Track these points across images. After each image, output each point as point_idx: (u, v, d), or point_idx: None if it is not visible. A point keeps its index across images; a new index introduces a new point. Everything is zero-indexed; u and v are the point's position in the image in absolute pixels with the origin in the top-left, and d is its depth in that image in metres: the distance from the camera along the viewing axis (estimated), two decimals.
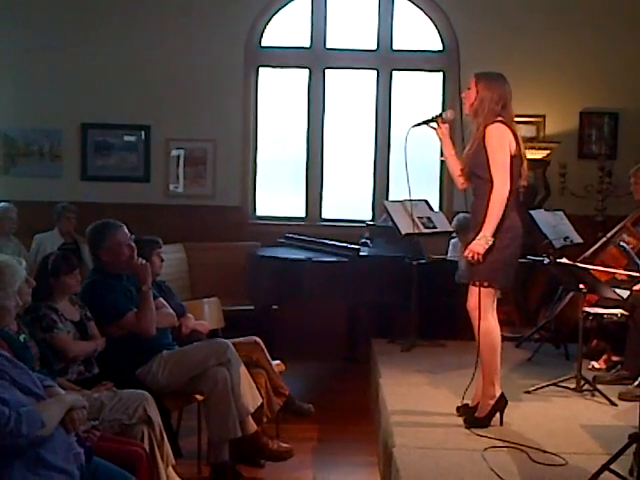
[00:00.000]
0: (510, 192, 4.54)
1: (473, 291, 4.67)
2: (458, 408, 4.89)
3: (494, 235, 4.51)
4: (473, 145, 4.63)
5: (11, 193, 8.35)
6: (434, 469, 4.10)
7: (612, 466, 3.69)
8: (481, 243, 4.50)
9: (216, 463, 4.74)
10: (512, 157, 4.57)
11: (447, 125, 4.85)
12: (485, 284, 4.61)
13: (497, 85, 4.63)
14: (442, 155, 4.93)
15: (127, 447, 3.75)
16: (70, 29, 8.61)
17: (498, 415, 4.74)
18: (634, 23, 8.55)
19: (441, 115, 4.83)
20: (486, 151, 4.55)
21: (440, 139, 4.85)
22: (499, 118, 4.56)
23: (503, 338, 4.82)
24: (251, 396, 4.92)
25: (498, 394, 4.73)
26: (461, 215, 7.61)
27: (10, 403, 2.97)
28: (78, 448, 3.24)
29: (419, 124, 4.93)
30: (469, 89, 4.67)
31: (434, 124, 4.85)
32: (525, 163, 4.69)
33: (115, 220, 5.01)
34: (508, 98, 4.63)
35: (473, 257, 4.52)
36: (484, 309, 4.62)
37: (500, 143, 4.54)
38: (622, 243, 5.90)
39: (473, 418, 4.72)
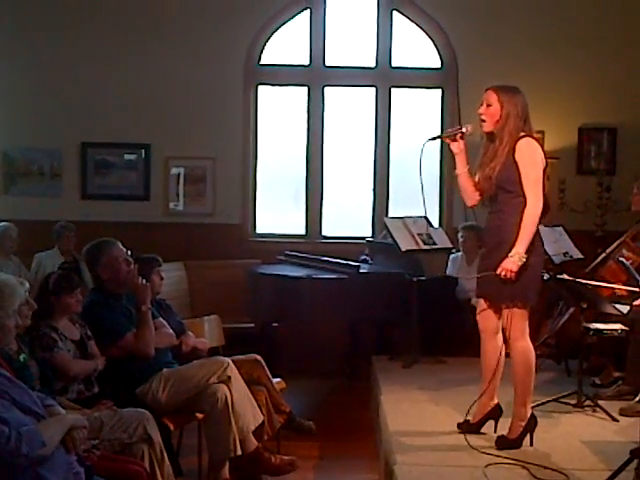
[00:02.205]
0: (544, 206, 4.52)
1: (506, 312, 4.58)
2: (459, 425, 4.87)
3: (528, 252, 4.44)
4: (498, 163, 4.51)
5: (11, 212, 8.36)
6: None
7: None
8: (514, 260, 4.41)
9: None
10: (543, 170, 4.55)
11: (463, 140, 4.74)
12: (519, 305, 4.55)
13: (519, 98, 4.56)
14: (455, 170, 4.80)
15: (127, 466, 3.74)
16: (69, 48, 8.63)
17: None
18: (632, 39, 8.58)
19: (460, 129, 4.72)
20: (517, 166, 4.48)
21: (457, 154, 4.73)
22: (522, 133, 4.52)
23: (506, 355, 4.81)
24: (252, 414, 4.92)
25: (529, 415, 4.69)
26: (467, 224, 7.62)
27: (10, 422, 2.97)
28: (78, 467, 3.24)
29: (437, 137, 4.91)
30: (489, 105, 4.55)
31: (452, 138, 4.73)
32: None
33: (110, 238, 5.03)
34: (528, 108, 4.58)
35: (506, 275, 4.44)
36: (520, 330, 4.57)
37: (533, 159, 4.50)
38: (621, 258, 5.92)
39: (505, 440, 4.67)
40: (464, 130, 4.72)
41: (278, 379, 5.63)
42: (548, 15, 8.61)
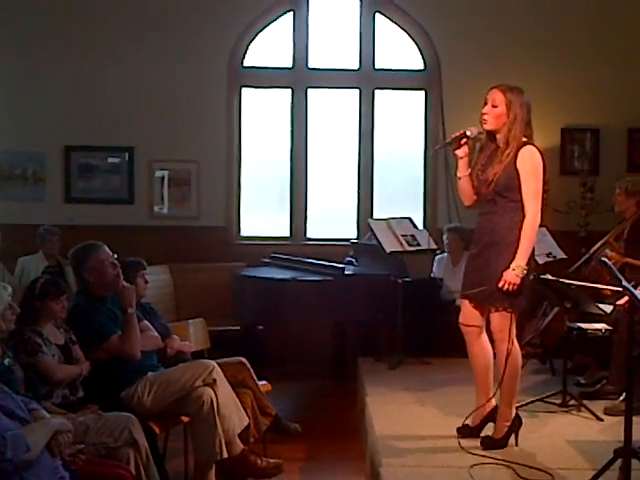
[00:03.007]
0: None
1: (495, 316, 4.60)
2: (459, 429, 4.83)
3: (528, 261, 4.47)
4: (500, 169, 4.50)
5: None
6: None
7: None
8: (517, 273, 4.43)
9: None
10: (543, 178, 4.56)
11: (468, 144, 4.70)
12: (509, 310, 4.55)
13: (525, 101, 4.57)
14: (458, 173, 4.76)
15: (113, 470, 3.74)
16: (53, 52, 8.60)
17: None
18: (614, 40, 8.62)
19: (465, 133, 4.67)
20: (517, 174, 4.48)
21: (461, 158, 4.72)
22: (524, 139, 4.52)
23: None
24: (237, 417, 4.92)
25: (514, 415, 4.71)
26: (452, 226, 7.63)
27: None
28: (63, 472, 3.24)
29: (443, 146, 4.90)
30: (494, 106, 4.53)
31: (456, 144, 4.70)
32: None
33: (96, 241, 5.02)
34: (531, 113, 4.59)
35: (509, 288, 4.45)
36: (511, 332, 4.57)
37: (534, 169, 4.50)
38: (603, 258, 5.92)
39: (490, 440, 4.68)
40: (468, 133, 4.69)
41: (263, 382, 5.64)
42: (531, 16, 8.64)
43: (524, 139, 4.53)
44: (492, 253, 4.55)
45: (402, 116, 9.02)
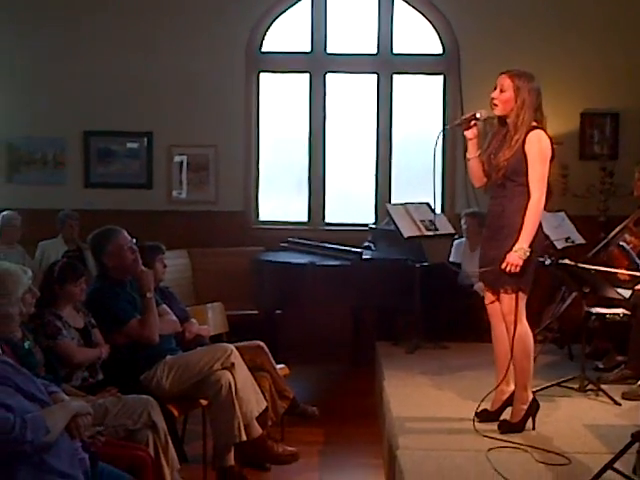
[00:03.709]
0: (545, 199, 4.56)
1: (505, 298, 4.62)
2: (477, 414, 4.81)
3: (531, 244, 4.50)
4: (510, 155, 4.52)
5: (15, 201, 8.38)
6: (438, 470, 4.11)
7: (615, 465, 3.69)
8: (520, 255, 4.47)
9: (221, 467, 4.76)
10: (549, 161, 4.57)
11: (477, 126, 4.73)
12: (516, 291, 4.57)
13: (534, 86, 4.56)
14: (468, 154, 4.80)
15: (132, 452, 3.77)
16: (72, 38, 8.64)
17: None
18: (635, 24, 8.56)
19: (474, 115, 4.70)
20: (525, 158, 4.51)
21: (470, 139, 4.74)
22: (534, 123, 4.53)
23: None
24: (255, 400, 4.95)
25: (530, 398, 4.72)
26: (470, 211, 7.61)
27: (15, 410, 2.99)
28: (83, 453, 3.26)
29: (452, 126, 4.90)
30: (502, 91, 4.54)
31: (466, 125, 4.73)
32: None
33: (115, 225, 5.05)
34: (541, 98, 4.59)
35: (511, 269, 4.48)
36: (519, 314, 4.58)
37: (541, 154, 4.52)
38: (622, 243, 5.92)
39: (507, 424, 4.70)
40: (478, 115, 4.71)
41: (282, 365, 5.67)
42: (549, 0, 8.58)
43: (534, 124, 4.54)
44: (501, 236, 4.58)
45: (420, 101, 9.00)
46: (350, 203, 9.16)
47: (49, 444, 3.06)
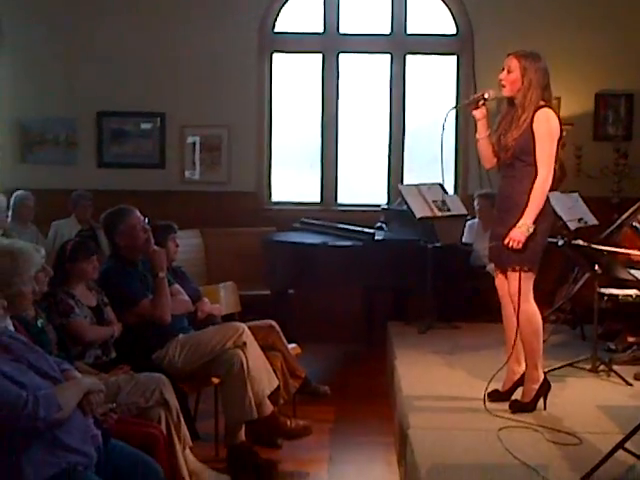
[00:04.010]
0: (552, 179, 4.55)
1: (511, 276, 4.63)
2: (489, 394, 4.83)
3: (535, 221, 4.51)
4: (518, 134, 4.54)
5: (28, 181, 8.38)
6: (449, 449, 4.12)
7: (626, 445, 3.69)
8: (522, 231, 4.49)
9: (233, 445, 4.78)
10: (557, 141, 4.57)
11: (486, 106, 4.75)
12: (525, 269, 4.59)
13: (541, 66, 4.56)
14: (477, 134, 4.82)
15: (144, 429, 3.79)
16: (85, 18, 8.62)
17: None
18: None
19: (483, 95, 4.72)
20: (533, 136, 4.52)
21: (479, 119, 4.76)
22: (542, 102, 4.53)
23: None
24: (267, 378, 4.96)
25: (542, 378, 4.73)
26: (483, 192, 7.60)
27: (27, 387, 3.02)
28: (95, 430, 3.28)
29: (460, 106, 4.90)
30: (509, 72, 4.56)
31: (475, 105, 4.75)
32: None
33: (127, 205, 5.06)
34: (549, 78, 4.59)
35: (513, 245, 4.50)
36: (525, 293, 4.59)
37: (549, 132, 4.52)
38: (635, 224, 5.91)
39: (518, 404, 4.71)
40: (486, 96, 4.72)
41: (293, 345, 5.69)
42: None
43: (542, 103, 4.54)
44: (510, 216, 4.59)
45: (434, 81, 8.97)
46: (363, 184, 9.14)
47: (61, 421, 3.08)
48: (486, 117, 4.76)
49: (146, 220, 5.05)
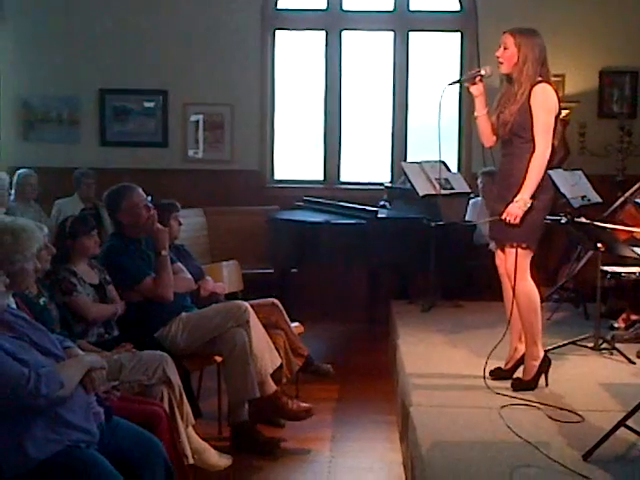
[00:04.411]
0: (551, 153, 4.54)
1: (510, 253, 4.63)
2: (491, 372, 4.84)
3: (534, 197, 4.50)
4: (516, 109, 4.53)
5: (31, 159, 8.39)
6: (450, 427, 4.13)
7: (628, 422, 3.69)
8: (520, 205, 4.48)
9: (236, 423, 4.79)
10: (555, 117, 4.56)
11: (483, 82, 4.76)
12: (524, 245, 4.58)
13: (537, 42, 4.55)
14: (475, 112, 4.84)
15: (147, 407, 3.79)
16: None
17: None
18: None
19: (479, 72, 4.75)
20: (531, 112, 4.51)
21: (476, 96, 4.77)
22: (539, 78, 4.52)
23: None
24: (270, 357, 4.97)
25: (542, 355, 4.73)
26: (486, 170, 7.57)
27: (30, 364, 3.01)
28: (98, 408, 3.29)
29: (457, 82, 4.90)
30: (505, 48, 4.56)
31: (472, 81, 4.76)
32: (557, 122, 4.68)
33: (130, 183, 5.05)
34: (546, 51, 4.58)
35: (510, 220, 4.50)
36: (522, 270, 4.60)
37: (547, 105, 4.51)
38: (638, 201, 5.89)
39: (519, 382, 4.72)
40: (483, 72, 4.75)
41: (296, 323, 5.69)
42: None
43: (539, 78, 4.53)
44: (509, 194, 4.57)
45: (437, 58, 8.93)
46: (366, 162, 9.12)
47: (63, 398, 3.08)
48: (483, 94, 4.76)
49: (149, 198, 5.04)
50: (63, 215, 7.48)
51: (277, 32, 8.88)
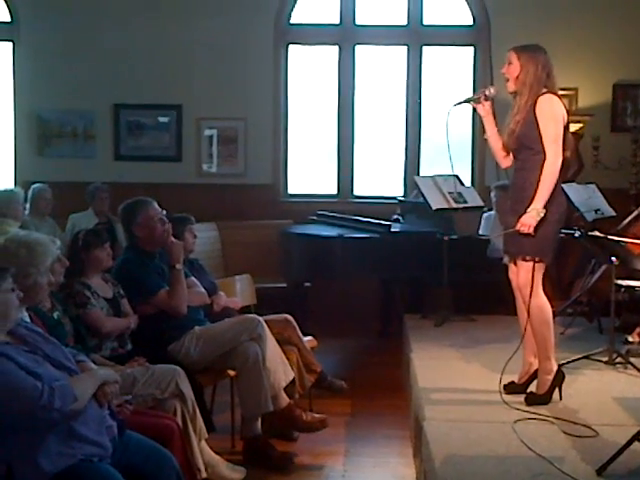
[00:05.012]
0: (561, 164, 4.53)
1: (523, 267, 4.62)
2: (505, 386, 4.82)
3: (547, 207, 4.49)
4: (521, 117, 4.56)
5: (45, 174, 8.42)
6: (464, 441, 4.11)
7: None
8: (532, 215, 4.48)
9: (249, 437, 4.80)
10: (564, 128, 4.56)
11: (489, 102, 4.81)
12: (537, 259, 4.57)
13: (539, 55, 4.59)
14: (484, 133, 4.88)
15: (160, 421, 3.80)
16: (103, 11, 8.65)
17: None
18: None
19: (484, 92, 4.80)
20: (537, 122, 4.52)
21: (483, 117, 4.82)
22: (544, 90, 4.54)
23: None
24: (283, 371, 4.97)
25: (555, 369, 4.71)
26: (500, 184, 7.57)
27: (43, 377, 3.03)
28: (111, 421, 3.30)
29: (461, 102, 4.93)
30: (510, 64, 4.62)
31: (477, 102, 4.81)
32: (569, 133, 4.68)
33: (145, 197, 5.07)
34: (551, 66, 4.60)
35: (524, 230, 4.49)
36: (535, 285, 4.58)
37: (553, 115, 4.52)
38: None
39: (533, 396, 4.70)
40: (487, 93, 4.80)
41: (309, 337, 5.68)
42: None
43: (544, 90, 4.55)
44: (521, 207, 4.56)
45: (450, 73, 8.94)
46: (379, 176, 9.13)
47: (77, 412, 3.10)
48: (490, 114, 4.80)
49: (164, 212, 5.06)
50: (77, 229, 7.53)
51: (290, 47, 8.91)
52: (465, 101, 4.92)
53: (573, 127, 8.01)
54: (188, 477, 3.60)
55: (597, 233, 5.46)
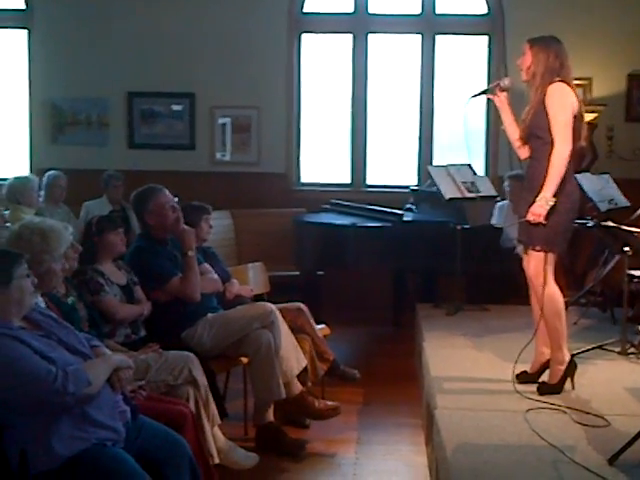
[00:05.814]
0: (572, 153, 4.52)
1: (533, 257, 4.63)
2: (517, 375, 4.83)
3: (557, 197, 4.48)
4: (532, 107, 4.58)
5: (60, 162, 8.46)
6: (475, 430, 4.12)
7: None
8: (542, 204, 4.47)
9: (261, 424, 4.82)
10: (574, 117, 4.54)
11: (505, 93, 4.82)
12: (547, 249, 4.57)
13: (552, 45, 4.59)
14: (502, 124, 4.88)
15: (173, 406, 3.82)
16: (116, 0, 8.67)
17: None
18: None
19: (499, 84, 4.82)
20: (547, 112, 4.52)
21: (499, 108, 4.84)
22: (557, 78, 4.54)
23: None
24: (295, 358, 4.98)
25: (567, 359, 4.71)
26: (513, 173, 7.56)
27: (57, 362, 3.05)
28: (124, 406, 3.32)
29: (478, 94, 4.94)
30: (523, 55, 4.64)
31: (492, 93, 4.84)
32: (584, 123, 4.66)
33: (156, 184, 5.07)
34: (565, 57, 4.60)
35: (535, 219, 4.49)
36: (546, 275, 4.58)
37: (562, 103, 4.51)
38: None
39: (545, 386, 4.71)
40: (501, 84, 4.82)
41: (322, 325, 5.69)
42: None
43: (557, 79, 4.54)
44: (532, 197, 4.56)
45: (464, 62, 8.92)
46: (392, 165, 9.12)
47: (90, 396, 3.11)
48: (506, 104, 4.82)
49: (176, 199, 5.07)
50: (91, 217, 7.56)
51: (303, 35, 8.90)
52: (481, 93, 4.95)
53: (587, 117, 8.00)
54: (201, 463, 3.61)
55: (610, 223, 5.45)
